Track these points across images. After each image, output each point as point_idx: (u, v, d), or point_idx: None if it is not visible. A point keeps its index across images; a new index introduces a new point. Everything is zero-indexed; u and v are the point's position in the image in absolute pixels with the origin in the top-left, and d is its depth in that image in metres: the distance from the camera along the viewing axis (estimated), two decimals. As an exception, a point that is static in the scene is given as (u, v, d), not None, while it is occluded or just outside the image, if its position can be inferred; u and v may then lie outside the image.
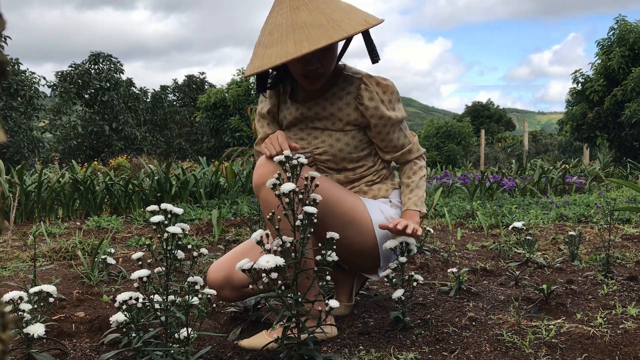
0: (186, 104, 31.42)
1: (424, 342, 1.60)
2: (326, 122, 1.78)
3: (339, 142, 1.78)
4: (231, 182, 6.16)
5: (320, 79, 1.72)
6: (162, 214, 1.32)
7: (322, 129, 1.79)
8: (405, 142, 1.86)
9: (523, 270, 2.57)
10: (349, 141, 1.78)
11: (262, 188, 1.57)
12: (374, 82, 1.77)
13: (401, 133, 1.83)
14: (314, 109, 1.79)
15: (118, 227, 4.30)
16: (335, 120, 1.77)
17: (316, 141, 1.79)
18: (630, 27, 13.90)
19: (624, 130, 13.30)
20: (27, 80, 21.40)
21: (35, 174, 6.62)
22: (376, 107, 1.74)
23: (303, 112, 1.80)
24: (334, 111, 1.77)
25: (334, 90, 1.79)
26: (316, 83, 1.72)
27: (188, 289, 1.32)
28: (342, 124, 1.77)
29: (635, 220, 4.22)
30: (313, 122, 1.80)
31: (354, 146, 1.79)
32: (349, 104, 1.76)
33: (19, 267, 2.80)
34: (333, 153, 1.78)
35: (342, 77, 1.80)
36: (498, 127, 42.53)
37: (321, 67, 1.69)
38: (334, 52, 1.72)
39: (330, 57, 1.70)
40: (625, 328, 1.65)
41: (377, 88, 1.76)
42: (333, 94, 1.78)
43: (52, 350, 1.61)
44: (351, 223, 1.69)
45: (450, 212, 4.91)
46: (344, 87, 1.78)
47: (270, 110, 1.89)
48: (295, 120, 1.82)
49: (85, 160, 22.48)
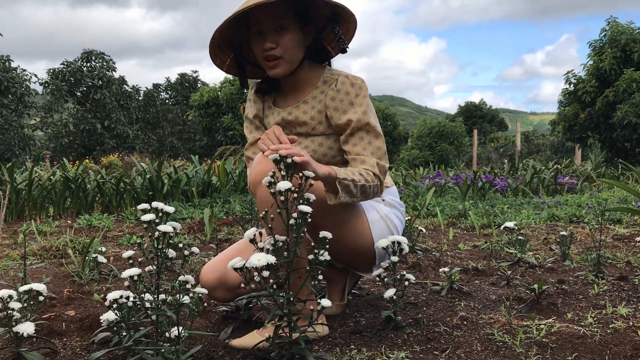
0: (179, 102, 31.34)
1: (415, 341, 1.60)
2: (306, 127, 1.77)
3: (321, 146, 1.76)
4: (223, 181, 6.15)
5: (279, 63, 1.69)
6: (153, 213, 1.32)
7: (305, 135, 1.78)
8: (364, 156, 1.67)
9: (515, 270, 2.58)
10: (331, 145, 1.77)
11: (260, 186, 1.54)
12: (346, 81, 1.73)
13: (363, 142, 1.69)
14: (294, 113, 1.78)
15: (109, 226, 4.28)
16: (315, 125, 1.76)
17: (300, 146, 1.77)
18: (621, 28, 13.99)
19: (615, 131, 13.39)
20: (18, 77, 21.25)
21: (26, 172, 6.58)
22: (334, 110, 1.71)
23: (284, 116, 1.79)
24: (314, 114, 1.76)
25: (313, 93, 1.77)
26: (277, 68, 1.70)
27: (179, 287, 1.31)
28: (323, 127, 1.76)
29: (626, 221, 4.24)
30: (295, 127, 1.79)
31: (337, 149, 1.77)
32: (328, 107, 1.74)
33: (9, 265, 2.78)
34: (317, 158, 1.76)
35: (322, 79, 1.78)
36: (491, 127, 42.67)
37: (278, 48, 1.67)
38: (293, 35, 1.69)
39: (287, 39, 1.68)
40: (615, 328, 1.66)
41: (342, 93, 1.72)
42: (313, 97, 1.77)
43: (42, 349, 1.60)
44: (347, 222, 1.69)
45: (442, 211, 4.92)
46: (323, 89, 1.76)
47: (256, 115, 1.88)
48: (278, 124, 1.80)
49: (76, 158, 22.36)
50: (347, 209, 1.68)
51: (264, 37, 1.68)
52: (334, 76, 1.76)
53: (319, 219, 1.59)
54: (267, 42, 1.67)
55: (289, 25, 1.68)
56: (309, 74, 1.79)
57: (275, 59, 1.68)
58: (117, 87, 27.45)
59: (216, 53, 1.80)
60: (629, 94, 12.90)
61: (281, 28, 1.67)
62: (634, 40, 13.65)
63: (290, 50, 1.69)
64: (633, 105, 12.58)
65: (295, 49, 1.71)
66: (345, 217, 1.68)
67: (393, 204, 1.85)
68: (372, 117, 1.72)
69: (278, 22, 1.67)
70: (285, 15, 1.67)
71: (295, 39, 1.70)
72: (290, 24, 1.68)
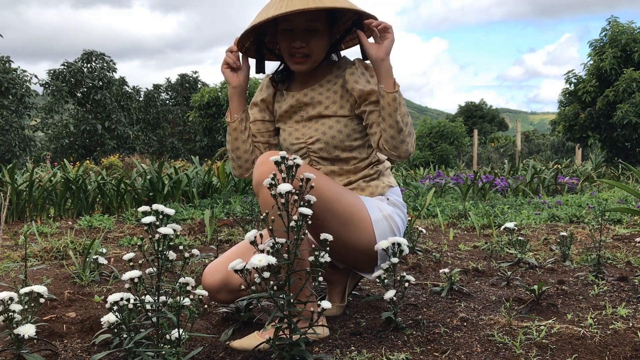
0: (179, 103, 31.32)
1: (415, 342, 1.61)
2: (320, 107, 1.82)
3: (331, 129, 1.81)
4: (224, 182, 6.15)
5: (305, 62, 1.77)
6: (153, 215, 1.32)
7: (316, 117, 1.83)
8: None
9: (515, 270, 2.59)
10: (341, 129, 1.80)
11: (262, 187, 1.54)
12: (361, 64, 1.82)
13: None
14: (310, 94, 1.84)
15: (110, 227, 4.28)
16: (329, 104, 1.81)
17: (309, 131, 1.83)
18: (622, 28, 13.97)
19: (615, 131, 13.38)
20: (18, 78, 21.25)
21: (27, 173, 6.59)
22: (356, 81, 1.77)
23: (299, 98, 1.85)
24: (330, 94, 1.82)
25: (328, 77, 1.84)
26: (302, 65, 1.77)
27: (179, 289, 1.31)
28: (335, 107, 1.80)
29: (626, 221, 4.24)
30: (307, 109, 1.84)
31: (346, 134, 1.81)
32: (342, 86, 1.81)
33: (9, 267, 2.79)
34: (326, 140, 1.80)
35: (336, 65, 1.86)
36: (491, 127, 42.67)
37: (307, 48, 1.74)
38: (322, 37, 1.76)
39: (317, 40, 1.75)
40: (615, 329, 1.66)
41: (362, 68, 1.81)
42: (328, 81, 1.84)
43: (43, 351, 1.60)
44: (350, 221, 1.69)
45: (442, 212, 4.92)
46: (338, 73, 1.84)
47: (264, 100, 1.94)
48: (290, 108, 1.87)
49: (77, 159, 22.37)
50: (350, 208, 1.68)
51: (294, 35, 1.74)
52: (348, 62, 1.84)
53: (321, 218, 1.59)
54: (298, 40, 1.74)
55: (320, 27, 1.75)
56: (325, 64, 1.87)
57: (304, 56, 1.76)
58: (117, 87, 27.44)
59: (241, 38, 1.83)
60: (629, 93, 12.89)
61: (313, 29, 1.74)
62: (634, 40, 13.63)
63: (319, 50, 1.78)
64: (633, 105, 12.57)
65: (323, 49, 1.79)
66: (348, 216, 1.69)
67: (396, 203, 1.86)
68: None
69: (310, 24, 1.73)
70: (318, 18, 1.73)
71: (325, 39, 1.78)
72: (321, 25, 1.75)
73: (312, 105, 1.83)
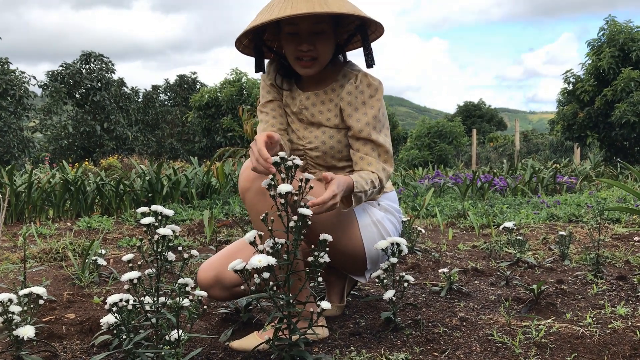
0: (178, 104, 31.30)
1: (414, 342, 1.61)
2: (321, 117, 1.80)
3: (331, 139, 1.79)
4: (223, 183, 6.15)
5: (313, 65, 1.74)
6: (152, 216, 1.32)
7: (317, 125, 1.81)
8: (372, 158, 1.73)
9: (514, 270, 2.59)
10: (341, 139, 1.79)
11: (248, 192, 1.59)
12: (364, 80, 1.77)
13: (372, 144, 1.74)
14: (312, 99, 1.82)
15: (109, 228, 4.28)
16: (330, 117, 1.79)
17: (310, 135, 1.82)
18: (620, 27, 13.98)
19: (614, 130, 13.39)
20: (17, 79, 21.24)
21: (26, 174, 6.58)
22: (349, 115, 1.75)
23: (301, 100, 1.83)
24: (332, 107, 1.79)
25: (332, 85, 1.81)
26: (308, 68, 1.74)
27: (179, 290, 1.32)
28: (337, 121, 1.79)
29: (625, 220, 4.25)
30: (309, 114, 1.81)
31: (345, 144, 1.80)
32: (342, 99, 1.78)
33: (8, 268, 2.78)
34: (324, 150, 1.80)
35: (342, 72, 1.83)
36: (490, 126, 42.66)
37: (314, 50, 1.71)
38: (329, 39, 1.74)
39: (323, 43, 1.72)
40: (614, 328, 1.66)
41: (362, 86, 1.76)
42: (333, 90, 1.81)
43: (42, 353, 1.60)
44: (338, 225, 1.69)
45: (441, 212, 4.92)
46: (342, 83, 1.81)
47: (271, 100, 1.88)
48: (296, 109, 1.84)
49: (76, 161, 22.35)
50: (338, 212, 1.68)
51: (300, 38, 1.71)
52: (354, 72, 1.81)
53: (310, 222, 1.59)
54: (305, 44, 1.71)
55: (326, 29, 1.73)
56: (330, 68, 1.83)
57: (311, 59, 1.73)
58: (116, 89, 27.44)
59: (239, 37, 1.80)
60: (627, 92, 12.90)
61: (319, 31, 1.71)
62: (632, 39, 13.64)
63: (326, 52, 1.74)
64: (631, 104, 12.58)
65: (330, 51, 1.76)
66: (336, 220, 1.69)
67: (389, 209, 1.85)
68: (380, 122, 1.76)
69: (317, 26, 1.71)
70: (324, 20, 1.71)
71: (331, 42, 1.75)
72: (327, 28, 1.73)
73: (313, 113, 1.81)
